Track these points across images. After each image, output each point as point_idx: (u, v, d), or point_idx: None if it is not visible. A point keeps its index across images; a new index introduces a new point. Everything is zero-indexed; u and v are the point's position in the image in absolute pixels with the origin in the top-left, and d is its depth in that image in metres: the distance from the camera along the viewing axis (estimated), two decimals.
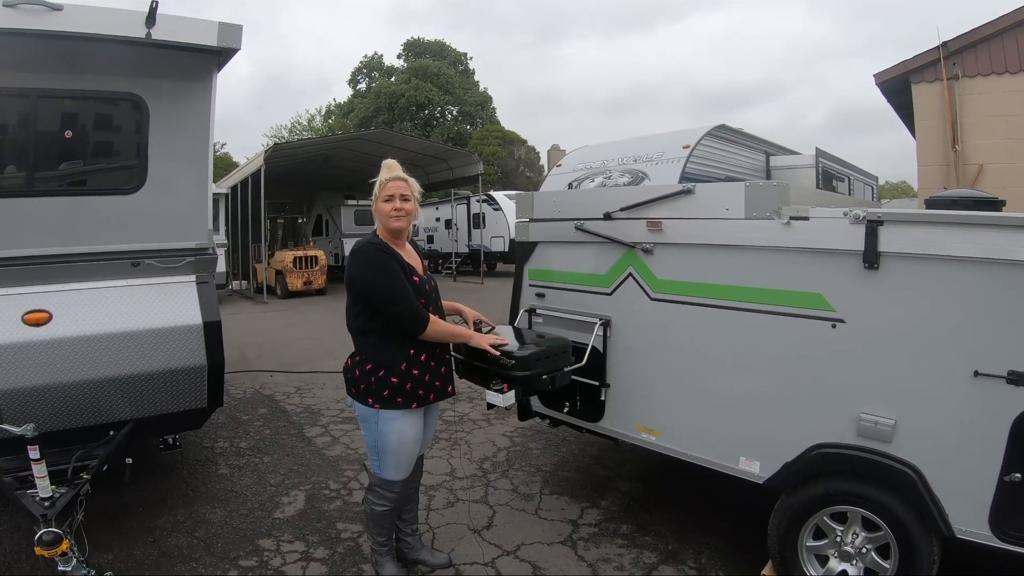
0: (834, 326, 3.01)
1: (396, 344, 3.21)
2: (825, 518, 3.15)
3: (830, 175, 11.61)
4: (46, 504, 3.19)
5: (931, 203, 3.48)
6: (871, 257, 2.87)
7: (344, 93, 55.61)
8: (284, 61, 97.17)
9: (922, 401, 2.81)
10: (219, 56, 4.27)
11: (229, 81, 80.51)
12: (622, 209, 3.77)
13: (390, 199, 3.24)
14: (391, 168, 3.33)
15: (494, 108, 52.48)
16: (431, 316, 3.20)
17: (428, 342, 3.25)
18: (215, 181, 19.29)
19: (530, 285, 4.44)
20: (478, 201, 22.83)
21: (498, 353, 3.31)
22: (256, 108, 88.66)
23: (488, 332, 3.55)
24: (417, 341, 3.22)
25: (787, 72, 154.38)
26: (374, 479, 3.42)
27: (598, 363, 3.94)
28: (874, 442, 2.93)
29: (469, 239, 23.83)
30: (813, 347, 3.09)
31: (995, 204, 3.32)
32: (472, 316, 3.64)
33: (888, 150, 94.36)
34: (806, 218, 3.07)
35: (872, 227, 2.85)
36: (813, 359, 3.10)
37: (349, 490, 4.80)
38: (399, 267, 3.18)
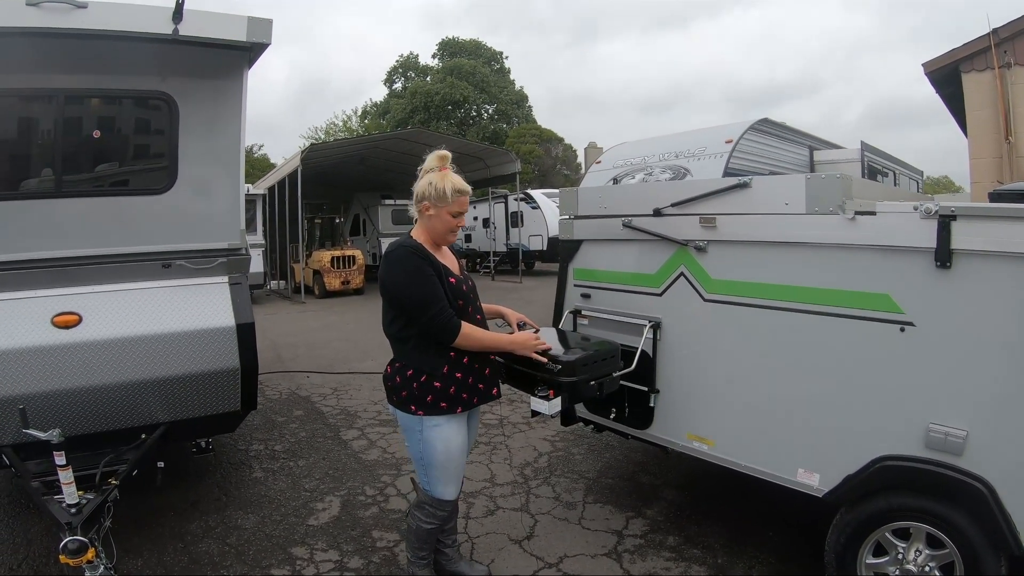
0: (902, 329, 2.79)
1: (437, 347, 3.03)
2: (887, 534, 2.95)
3: (875, 169, 11.30)
4: (72, 511, 3.11)
5: (996, 197, 3.24)
6: (943, 255, 2.64)
7: (380, 94, 55.98)
8: (322, 65, 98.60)
9: (996, 411, 2.59)
10: (249, 52, 4.15)
11: (267, 85, 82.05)
12: (673, 205, 3.57)
13: (459, 215, 3.07)
14: (444, 160, 3.10)
15: (530, 107, 52.41)
16: (463, 324, 3.00)
17: None
18: (252, 182, 19.65)
19: (575, 285, 4.26)
20: (516, 200, 22.71)
21: (544, 359, 3.12)
22: (294, 112, 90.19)
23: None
24: None
25: (824, 68, 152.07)
26: (423, 496, 3.23)
27: (647, 368, 3.75)
28: (943, 455, 2.71)
29: (507, 238, 23.70)
30: (879, 352, 2.87)
31: None
32: (516, 319, 3.47)
33: (928, 146, 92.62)
34: (873, 213, 2.85)
35: (945, 222, 2.62)
36: (879, 365, 2.88)
37: (385, 496, 4.67)
38: (433, 270, 2.99)
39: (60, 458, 3.06)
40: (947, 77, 10.65)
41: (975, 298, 2.61)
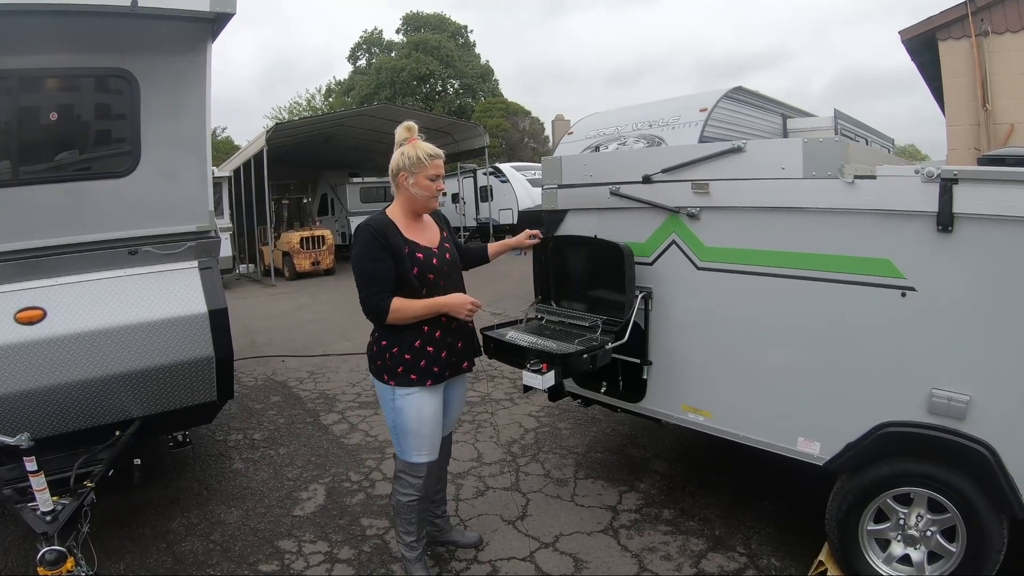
0: (904, 294, 2.76)
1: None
2: (888, 500, 2.95)
3: (847, 137, 11.32)
4: (47, 519, 2.94)
5: (988, 161, 3.20)
6: (945, 219, 2.61)
7: (344, 71, 54.94)
8: (286, 45, 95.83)
9: (999, 376, 2.59)
10: (212, 24, 3.91)
11: (229, 66, 79.77)
12: (664, 171, 3.47)
13: (436, 179, 3.08)
14: (412, 130, 3.13)
15: (496, 80, 51.86)
16: (394, 301, 2.94)
17: (441, 319, 3.08)
18: (217, 165, 19.16)
19: None
20: (484, 174, 22.46)
21: (475, 312, 3.12)
22: (258, 93, 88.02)
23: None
24: (431, 318, 3.04)
25: (792, 38, 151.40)
26: (399, 464, 3.24)
27: (639, 339, 3.66)
28: (946, 420, 2.70)
29: (477, 212, 23.45)
30: (880, 318, 2.84)
31: None
32: (521, 239, 3.95)
33: (894, 115, 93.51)
34: (873, 177, 2.79)
35: (947, 186, 2.59)
36: (880, 331, 2.85)
37: (371, 481, 4.56)
38: (388, 250, 2.96)
39: (31, 464, 2.88)
40: (923, 45, 10.71)
41: (977, 262, 2.59)
